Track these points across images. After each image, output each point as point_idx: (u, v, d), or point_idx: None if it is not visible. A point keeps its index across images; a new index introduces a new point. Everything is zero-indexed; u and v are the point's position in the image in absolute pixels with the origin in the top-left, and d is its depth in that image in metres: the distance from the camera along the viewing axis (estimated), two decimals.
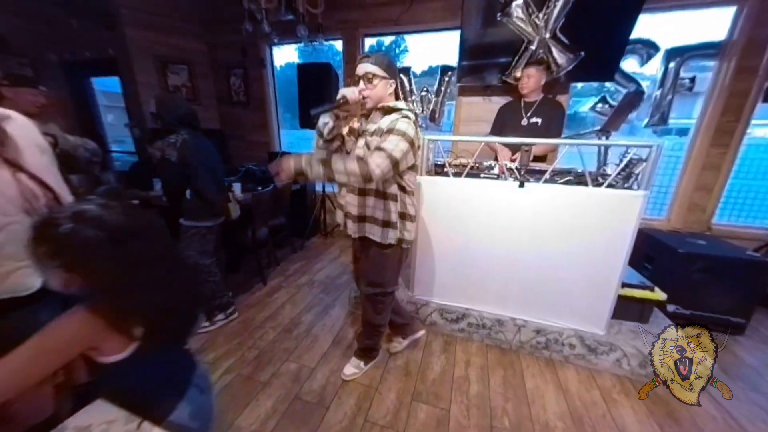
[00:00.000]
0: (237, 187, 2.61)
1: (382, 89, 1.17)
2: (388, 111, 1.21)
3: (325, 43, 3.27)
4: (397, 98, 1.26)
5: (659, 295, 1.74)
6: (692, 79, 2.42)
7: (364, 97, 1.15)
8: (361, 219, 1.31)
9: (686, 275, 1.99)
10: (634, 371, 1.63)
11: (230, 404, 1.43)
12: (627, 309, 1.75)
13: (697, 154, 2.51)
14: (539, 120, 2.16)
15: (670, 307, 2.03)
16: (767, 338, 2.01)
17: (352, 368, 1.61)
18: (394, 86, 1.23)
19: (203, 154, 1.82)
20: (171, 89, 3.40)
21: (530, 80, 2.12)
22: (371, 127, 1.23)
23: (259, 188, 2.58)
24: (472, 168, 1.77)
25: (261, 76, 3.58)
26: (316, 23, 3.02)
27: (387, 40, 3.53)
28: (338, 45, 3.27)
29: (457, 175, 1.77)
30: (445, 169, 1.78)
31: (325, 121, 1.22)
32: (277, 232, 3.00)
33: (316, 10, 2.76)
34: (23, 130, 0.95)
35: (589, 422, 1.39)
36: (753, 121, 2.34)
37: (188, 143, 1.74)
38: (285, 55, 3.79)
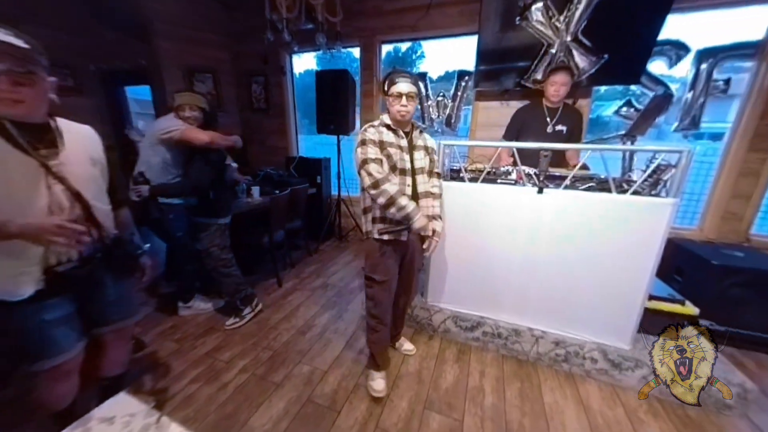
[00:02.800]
0: (256, 190, 2.69)
1: (414, 107, 1.35)
2: (421, 131, 1.48)
3: (343, 50, 3.34)
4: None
5: (691, 309, 1.63)
6: (727, 81, 2.29)
7: (404, 114, 1.32)
8: (431, 217, 1.46)
9: (722, 289, 1.86)
10: (663, 390, 1.53)
11: (244, 403, 1.45)
12: (655, 323, 1.64)
13: (733, 160, 2.36)
14: (564, 128, 2.09)
15: (704, 323, 1.88)
16: None
17: (410, 343, 1.83)
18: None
19: (223, 155, 1.94)
20: None
21: (562, 88, 2.02)
22: (419, 142, 1.44)
23: (277, 192, 2.64)
24: (488, 173, 1.74)
25: (281, 83, 3.70)
26: (335, 31, 3.10)
27: (404, 46, 3.56)
28: (355, 52, 3.33)
29: (473, 180, 1.74)
30: (461, 174, 1.76)
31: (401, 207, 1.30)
32: (293, 235, 3.05)
33: (335, 18, 2.82)
34: (83, 141, 1.02)
35: None
36: None
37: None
38: (304, 63, 3.91)
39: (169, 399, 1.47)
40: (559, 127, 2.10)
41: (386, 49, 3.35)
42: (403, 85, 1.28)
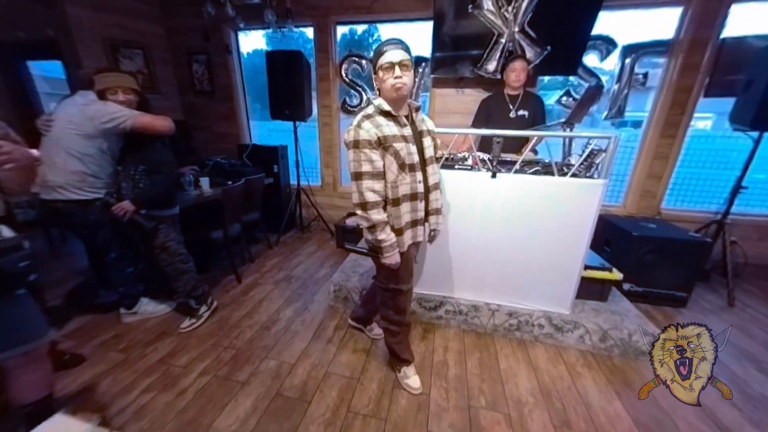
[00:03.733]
0: (205, 182, 2.48)
1: (412, 79, 1.15)
2: (417, 109, 1.28)
3: (295, 30, 3.14)
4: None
5: (616, 275, 1.90)
6: (645, 75, 2.61)
7: (400, 86, 1.10)
8: (440, 211, 1.41)
9: (639, 256, 2.18)
10: (596, 346, 1.78)
11: (207, 406, 1.39)
12: (589, 289, 1.89)
13: (648, 145, 2.73)
14: (526, 113, 2.26)
15: (626, 286, 2.22)
16: (705, 309, 2.26)
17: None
18: None
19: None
20: None
21: (522, 73, 2.18)
22: (422, 126, 1.30)
23: (230, 182, 2.46)
24: (446, 159, 1.80)
25: (226, 63, 3.38)
26: (285, 8, 2.89)
27: (360, 29, 3.45)
28: (309, 33, 3.15)
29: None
30: None
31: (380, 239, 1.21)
32: (251, 228, 2.89)
33: None
34: None
35: (557, 395, 1.50)
36: (695, 114, 2.58)
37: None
38: (252, 42, 3.59)
39: (119, 413, 1.34)
40: (521, 112, 2.26)
41: (342, 30, 3.22)
42: (394, 53, 1.08)
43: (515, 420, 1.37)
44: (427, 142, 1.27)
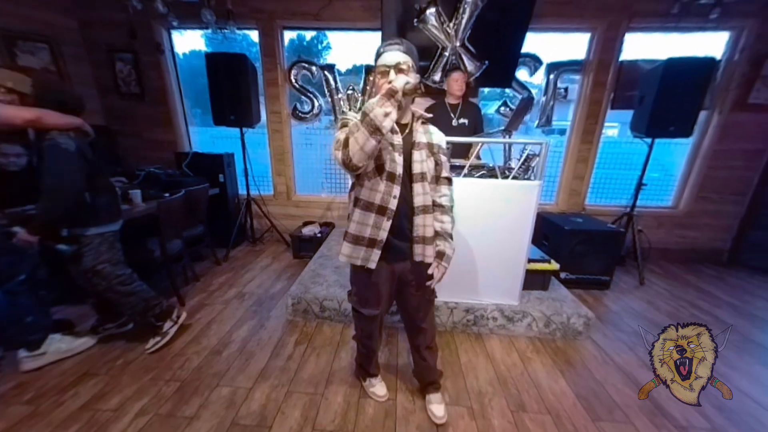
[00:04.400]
0: (136, 194, 2.20)
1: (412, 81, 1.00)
2: (425, 123, 1.13)
3: (238, 32, 2.99)
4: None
5: (554, 266, 2.12)
6: (566, 89, 3.01)
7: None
8: (428, 240, 1.14)
9: (571, 247, 2.47)
10: (541, 331, 1.96)
11: None
12: (532, 280, 2.08)
13: (572, 150, 3.13)
14: (466, 121, 2.44)
15: (562, 275, 2.50)
16: (624, 290, 2.64)
17: (443, 408, 1.38)
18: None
19: (90, 141, 1.52)
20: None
21: (459, 83, 2.37)
22: (421, 138, 1.09)
23: (167, 195, 2.22)
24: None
25: (159, 64, 3.07)
26: (225, 9, 2.74)
27: (308, 35, 3.41)
28: (254, 35, 3.02)
29: None
30: None
31: (387, 111, 0.90)
32: (194, 244, 2.63)
33: None
34: None
35: (512, 381, 1.62)
36: (606, 124, 3.04)
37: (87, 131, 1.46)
38: (189, 42, 3.30)
39: None
40: (461, 121, 2.44)
41: (290, 35, 3.14)
42: (390, 55, 0.97)
43: (477, 411, 1.44)
44: (419, 156, 1.07)
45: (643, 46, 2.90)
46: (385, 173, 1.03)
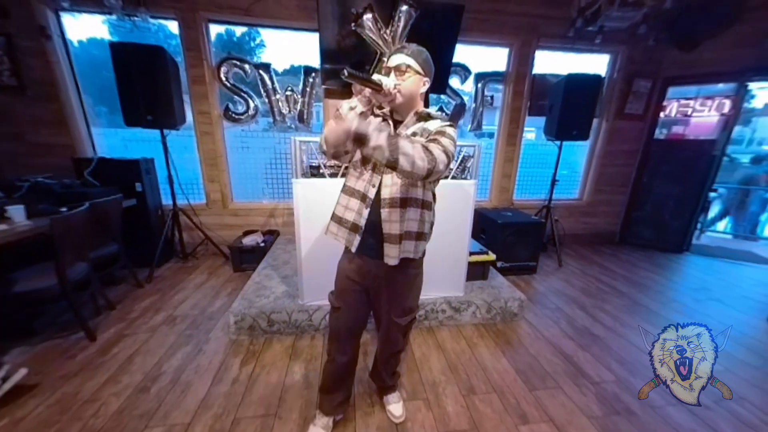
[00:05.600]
0: (17, 210, 1.79)
1: (414, 85, 1.02)
2: (425, 117, 1.07)
3: (152, 20, 2.64)
4: (426, 105, 1.12)
5: (491, 256, 2.34)
6: (492, 97, 3.35)
7: (394, 91, 0.98)
8: (402, 237, 1.05)
9: (504, 238, 2.76)
10: (484, 317, 2.14)
11: None
12: (474, 271, 2.26)
13: (500, 151, 3.50)
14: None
15: (498, 264, 2.77)
16: (547, 272, 3.05)
17: (400, 407, 1.41)
18: (427, 86, 1.08)
19: None
20: None
21: None
22: (407, 131, 1.04)
23: (64, 209, 1.84)
24: (347, 168, 1.84)
25: (44, 51, 2.54)
26: None
27: (238, 30, 3.17)
28: (173, 27, 2.70)
29: (333, 175, 1.80)
30: (321, 171, 1.78)
31: (352, 105, 0.95)
32: (106, 266, 2.23)
33: None
34: None
35: (462, 367, 1.73)
36: (525, 128, 3.47)
37: None
38: (85, 28, 2.75)
39: None
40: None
41: (217, 29, 2.88)
42: (394, 57, 1.02)
43: (432, 401, 1.50)
44: None
45: (550, 62, 3.40)
46: (370, 163, 1.04)
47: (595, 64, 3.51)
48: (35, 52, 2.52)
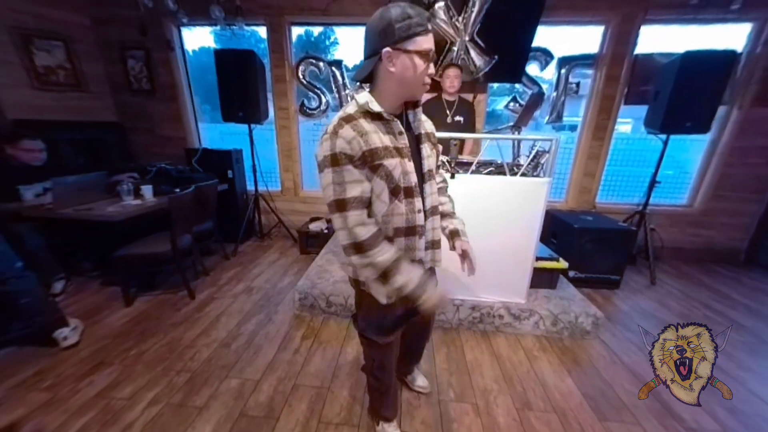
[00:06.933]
0: (147, 190, 2.26)
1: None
2: (415, 105, 0.92)
3: (246, 28, 3.00)
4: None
5: (563, 264, 2.09)
6: (578, 84, 2.93)
7: (428, 84, 0.85)
8: (437, 244, 1.02)
9: (580, 245, 2.43)
10: (548, 330, 1.94)
11: None
12: (540, 279, 2.06)
13: (583, 146, 3.06)
14: (462, 118, 2.40)
15: (571, 273, 2.46)
16: (634, 289, 2.59)
17: (422, 377, 1.52)
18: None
19: None
20: (41, 71, 2.71)
21: (456, 80, 2.33)
22: (422, 128, 0.95)
23: (177, 190, 2.26)
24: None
25: (168, 61, 3.11)
26: (234, 5, 2.75)
27: (315, 30, 3.40)
28: (262, 32, 3.03)
29: None
30: None
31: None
32: (204, 239, 2.68)
33: None
34: None
35: (518, 379, 1.61)
36: (618, 120, 2.96)
37: None
38: (198, 39, 3.32)
39: None
40: (457, 118, 2.42)
41: (297, 31, 3.14)
42: (427, 40, 0.77)
43: (482, 408, 1.44)
44: (426, 150, 0.93)
45: (660, 39, 2.81)
46: (402, 190, 0.85)
47: (725, 38, 2.78)
48: (163, 62, 3.11)
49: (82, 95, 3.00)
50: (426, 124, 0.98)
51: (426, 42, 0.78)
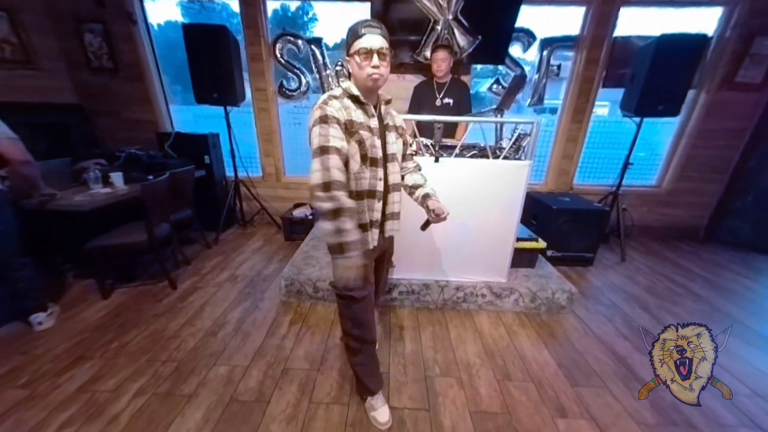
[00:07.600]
0: (117, 177, 2.13)
1: (389, 69, 1.05)
2: (387, 102, 1.18)
3: (217, 1, 2.79)
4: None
5: (541, 244, 2.18)
6: (558, 66, 2.96)
7: (377, 77, 1.00)
8: (396, 216, 1.30)
9: (558, 226, 2.54)
10: (528, 306, 2.05)
11: (148, 428, 1.25)
12: (520, 258, 2.14)
13: (562, 129, 3.13)
14: (451, 101, 2.37)
15: (549, 252, 2.58)
16: (606, 266, 2.76)
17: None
18: None
19: None
20: None
21: (443, 63, 2.27)
22: (390, 120, 1.19)
23: (150, 177, 2.15)
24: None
25: (131, 36, 2.86)
26: None
27: (293, 5, 3.21)
28: (234, 5, 2.82)
29: None
30: None
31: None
32: (183, 228, 2.59)
33: None
34: None
35: (498, 353, 1.71)
36: (597, 102, 3.03)
37: None
38: (163, 12, 3.03)
39: None
40: (446, 100, 2.37)
41: (273, 5, 2.95)
42: (373, 39, 0.97)
43: (465, 381, 1.52)
44: (391, 138, 1.16)
45: (638, 22, 2.85)
46: (369, 159, 1.07)
47: (699, 21, 2.86)
48: (125, 37, 2.86)
49: (34, 73, 2.73)
50: (396, 119, 1.23)
51: (362, 43, 0.98)
